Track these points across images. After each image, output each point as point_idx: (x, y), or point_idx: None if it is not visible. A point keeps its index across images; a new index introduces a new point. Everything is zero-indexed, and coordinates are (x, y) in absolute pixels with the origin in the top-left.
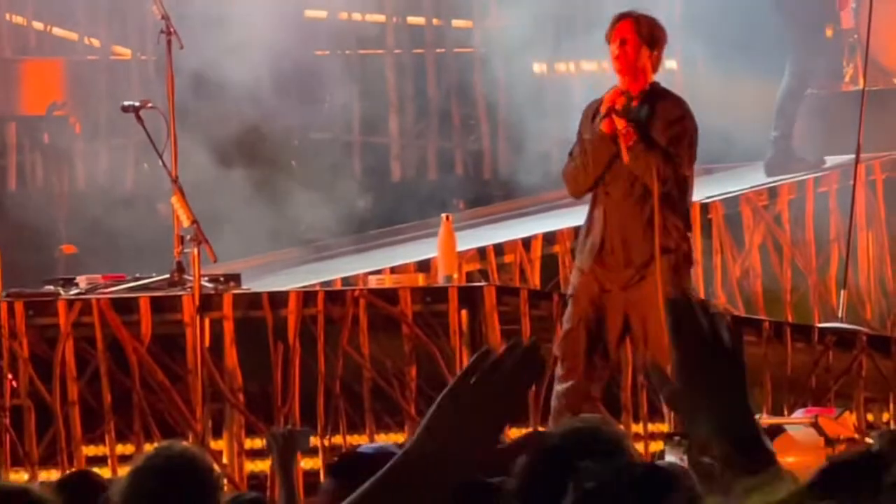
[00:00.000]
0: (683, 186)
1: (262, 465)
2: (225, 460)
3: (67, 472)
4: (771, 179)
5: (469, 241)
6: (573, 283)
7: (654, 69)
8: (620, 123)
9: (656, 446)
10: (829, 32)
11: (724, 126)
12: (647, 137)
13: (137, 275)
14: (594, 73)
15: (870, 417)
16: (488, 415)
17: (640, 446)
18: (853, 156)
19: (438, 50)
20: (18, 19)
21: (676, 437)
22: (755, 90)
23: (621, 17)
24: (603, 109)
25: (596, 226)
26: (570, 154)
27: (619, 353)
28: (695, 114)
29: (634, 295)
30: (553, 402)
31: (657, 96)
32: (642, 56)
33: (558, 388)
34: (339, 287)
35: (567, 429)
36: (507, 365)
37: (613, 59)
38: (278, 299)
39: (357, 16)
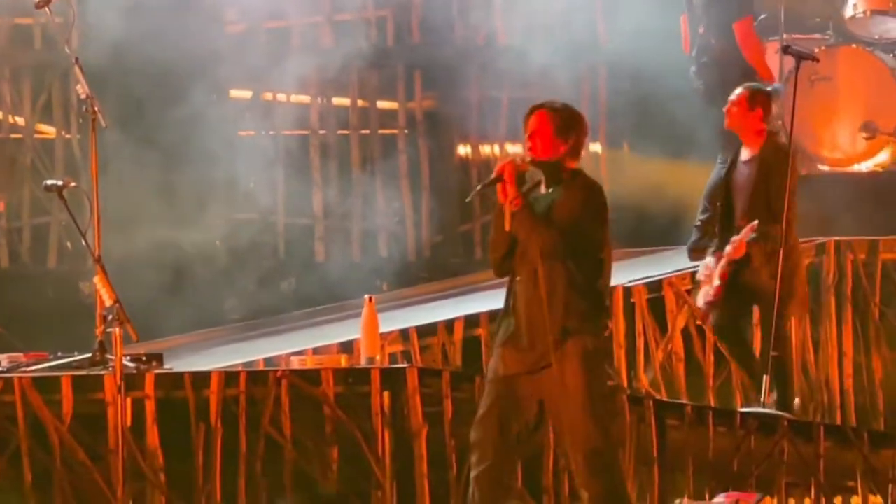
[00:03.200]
0: (594, 271)
1: None
2: None
3: None
4: (694, 264)
5: (392, 322)
6: (490, 366)
7: (575, 156)
8: (505, 191)
9: None
10: None
11: (648, 209)
12: (540, 214)
13: (60, 353)
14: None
15: (791, 502)
16: None
17: None
18: None
19: (363, 131)
20: None
21: None
22: (681, 174)
23: (534, 109)
24: (495, 175)
25: (508, 307)
26: None
27: (539, 436)
28: (620, 196)
29: (545, 381)
30: (469, 490)
31: (572, 182)
32: (555, 147)
33: (472, 474)
34: (261, 368)
35: None
36: None
37: (527, 151)
38: (200, 380)
39: (282, 96)
